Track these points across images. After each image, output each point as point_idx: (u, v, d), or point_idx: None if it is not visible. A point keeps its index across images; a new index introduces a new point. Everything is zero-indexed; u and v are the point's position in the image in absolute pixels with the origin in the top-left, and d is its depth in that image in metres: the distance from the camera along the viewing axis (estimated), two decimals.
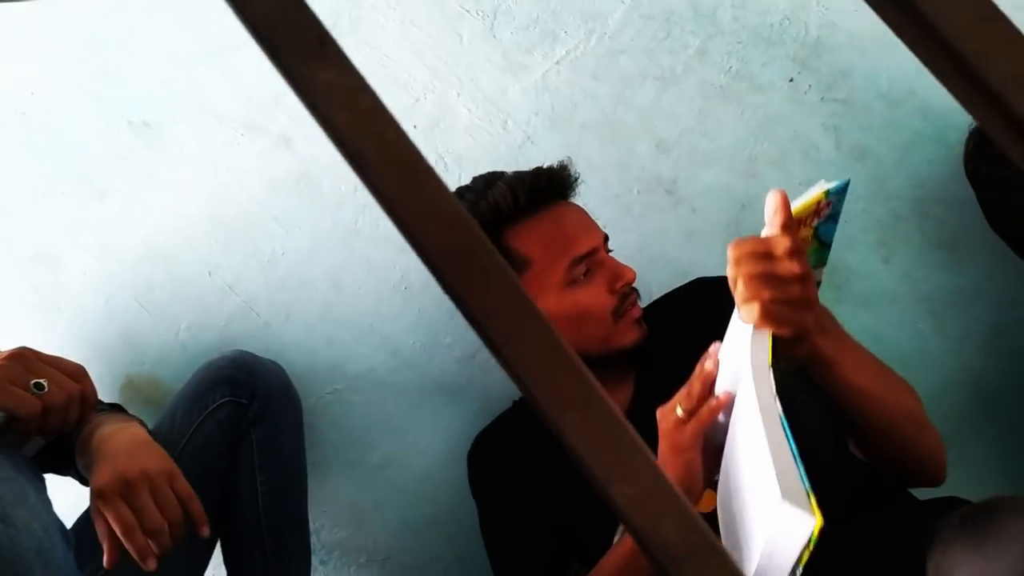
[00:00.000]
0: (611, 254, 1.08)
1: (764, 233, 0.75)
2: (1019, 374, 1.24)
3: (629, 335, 1.04)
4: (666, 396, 0.85)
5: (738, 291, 0.73)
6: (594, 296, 1.03)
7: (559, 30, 1.25)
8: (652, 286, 1.24)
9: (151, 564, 0.81)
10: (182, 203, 1.26)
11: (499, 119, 1.26)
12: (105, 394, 1.15)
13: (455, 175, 1.23)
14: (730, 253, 0.74)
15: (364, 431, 1.29)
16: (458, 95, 1.24)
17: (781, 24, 1.25)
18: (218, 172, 1.26)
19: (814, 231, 0.79)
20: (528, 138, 1.26)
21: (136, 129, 1.25)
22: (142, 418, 1.03)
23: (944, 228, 1.25)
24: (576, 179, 1.10)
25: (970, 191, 1.22)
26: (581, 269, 1.02)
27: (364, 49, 1.23)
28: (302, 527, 1.14)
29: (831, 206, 0.79)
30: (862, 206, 1.25)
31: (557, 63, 1.26)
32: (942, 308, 1.25)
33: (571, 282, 1.02)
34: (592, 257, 1.04)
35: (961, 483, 1.24)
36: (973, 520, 0.72)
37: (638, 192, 1.26)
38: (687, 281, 1.16)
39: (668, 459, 0.81)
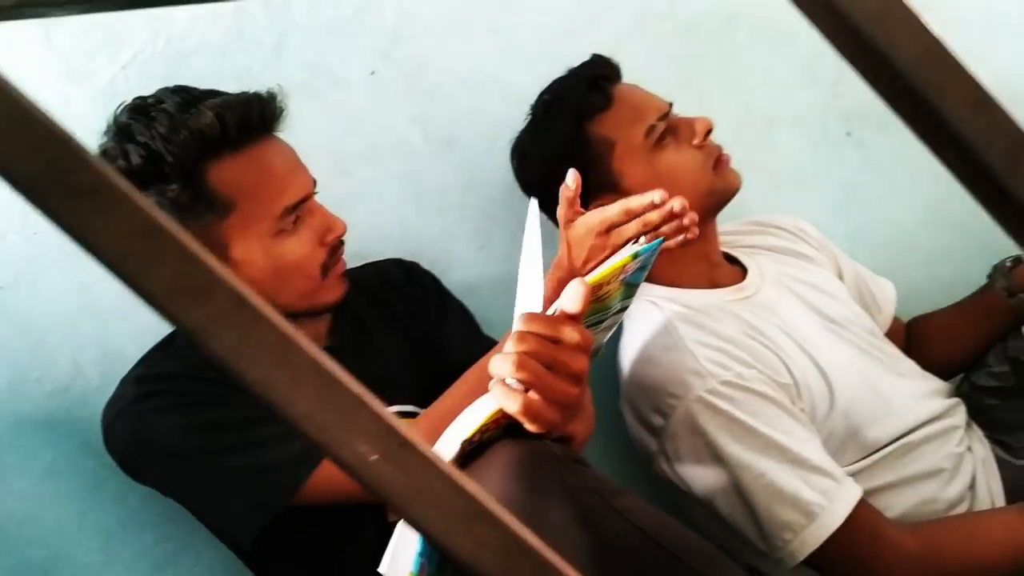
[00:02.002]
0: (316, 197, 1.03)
1: (519, 310, 0.73)
2: (612, 343, 1.33)
3: (334, 292, 1.03)
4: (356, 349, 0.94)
5: (506, 366, 0.66)
6: (303, 248, 0.98)
7: (122, 32, 1.23)
8: None
9: None
10: None
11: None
12: None
13: None
14: (519, 324, 0.69)
15: None
16: None
17: (358, 15, 1.27)
18: None
19: (622, 283, 0.78)
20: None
21: None
22: None
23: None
24: (285, 110, 1.01)
25: None
26: (291, 219, 0.97)
27: None
28: None
29: (640, 262, 0.78)
30: (457, 195, 1.30)
31: (124, 68, 1.23)
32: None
33: (279, 232, 0.96)
34: (303, 205, 0.99)
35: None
36: (477, 462, 0.75)
37: None
38: None
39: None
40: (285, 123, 1.01)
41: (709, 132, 1.10)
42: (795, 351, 1.04)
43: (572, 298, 0.67)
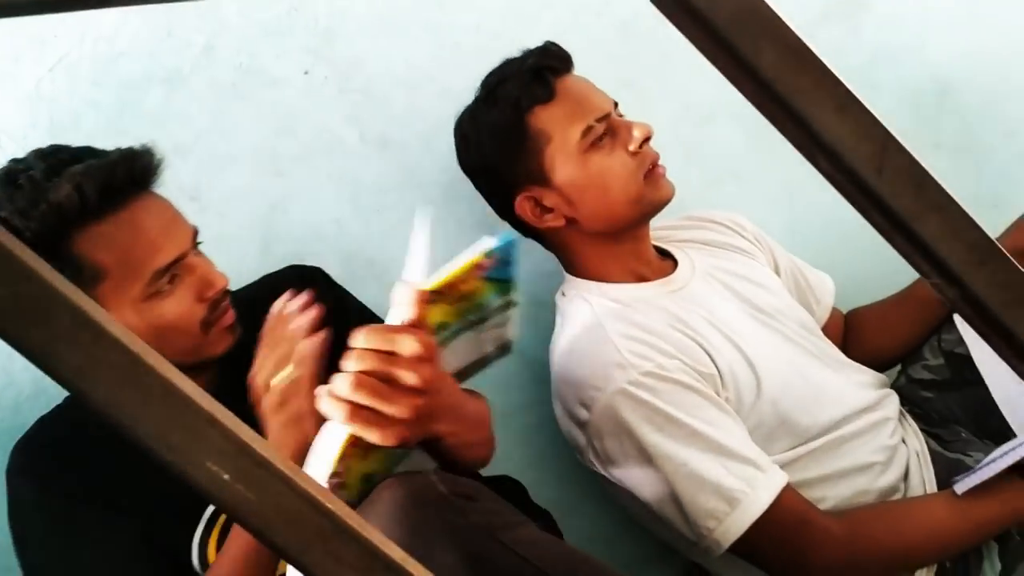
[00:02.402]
0: (200, 247, 1.02)
1: (389, 320, 0.71)
2: None
3: (220, 344, 1.01)
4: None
5: (344, 387, 0.66)
6: (180, 307, 0.96)
7: (48, 34, 1.20)
8: None
9: None
10: None
11: None
12: None
13: None
14: (358, 340, 0.68)
15: None
16: None
17: (289, 15, 1.26)
18: None
19: (485, 280, 0.76)
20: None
21: None
22: None
23: (475, 208, 1.32)
24: (160, 163, 0.99)
25: None
26: (165, 279, 0.95)
27: None
28: None
29: (498, 259, 0.75)
30: (395, 196, 1.30)
31: (51, 70, 1.21)
32: None
33: (153, 294, 0.94)
34: (179, 263, 0.96)
35: (513, 451, 1.33)
36: (363, 503, 0.75)
37: None
38: None
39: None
40: (160, 178, 1.00)
41: (647, 140, 1.09)
42: (721, 342, 1.05)
43: (401, 305, 0.68)
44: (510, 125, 1.08)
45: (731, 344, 1.05)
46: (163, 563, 1.02)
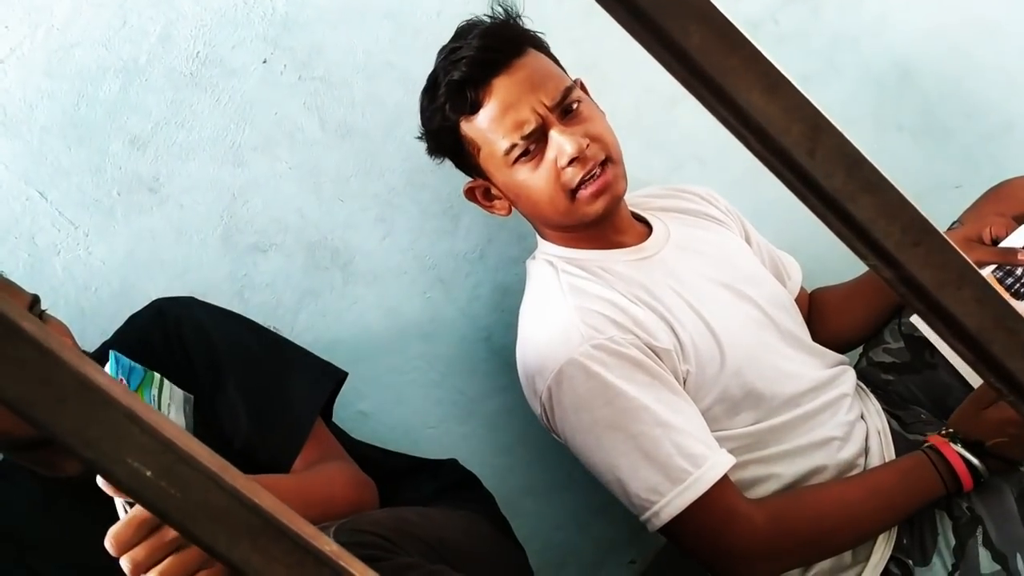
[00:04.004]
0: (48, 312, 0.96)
1: None
2: None
3: None
4: None
5: None
6: None
7: None
8: (150, 291, 1.21)
9: None
10: None
11: None
12: None
13: None
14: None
15: None
16: None
17: (246, 3, 1.24)
18: None
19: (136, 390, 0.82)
20: None
21: None
22: None
23: (439, 196, 1.32)
24: None
25: None
26: None
27: None
28: None
29: (126, 371, 0.80)
30: (357, 184, 1.29)
31: (2, 61, 1.18)
32: (448, 274, 1.32)
33: None
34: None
35: (481, 437, 1.32)
36: None
37: (118, 194, 1.23)
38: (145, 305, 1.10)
39: None
40: None
41: (576, 159, 1.02)
42: (685, 312, 1.05)
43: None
44: (444, 129, 1.10)
45: (695, 315, 1.05)
46: None
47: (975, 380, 1.16)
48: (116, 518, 0.97)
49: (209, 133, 1.24)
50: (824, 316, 1.31)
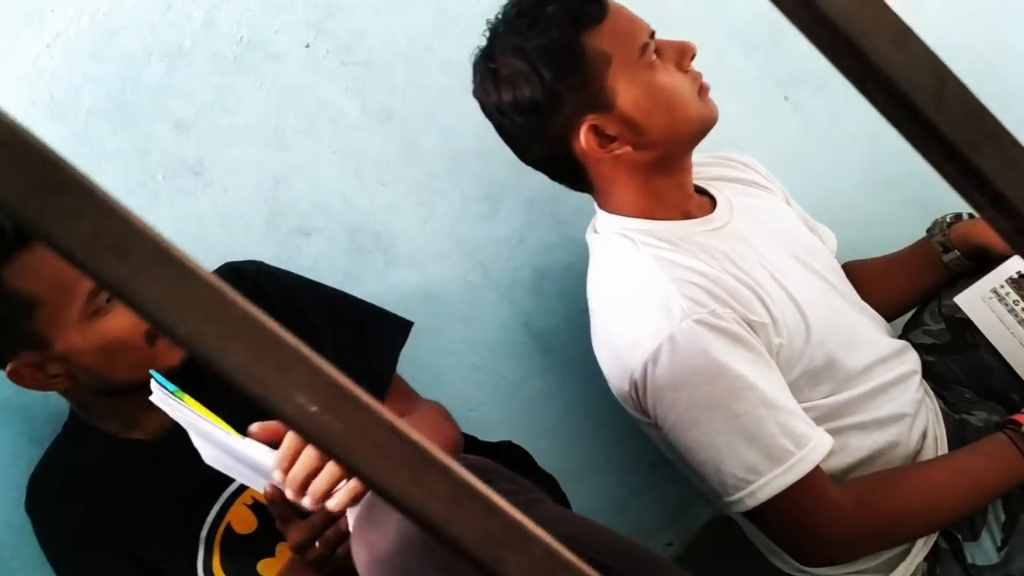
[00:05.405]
0: None
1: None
2: (564, 311, 1.34)
3: (171, 356, 1.00)
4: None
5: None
6: (123, 321, 0.97)
7: (45, 8, 1.18)
8: None
9: None
10: None
11: None
12: None
13: None
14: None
15: None
16: None
17: None
18: None
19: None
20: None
21: None
22: None
23: (480, 181, 1.32)
24: None
25: (500, 142, 1.29)
26: (103, 297, 0.95)
27: None
28: None
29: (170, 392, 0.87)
30: (398, 169, 1.29)
31: (48, 46, 1.19)
32: (488, 259, 1.33)
33: (93, 313, 0.95)
34: None
35: (521, 421, 1.33)
36: (370, 496, 0.76)
37: (163, 177, 1.23)
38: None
39: None
40: None
41: (693, 58, 1.04)
42: (769, 283, 1.02)
43: None
44: (566, 49, 0.99)
45: (778, 285, 1.02)
46: None
47: (1017, 360, 1.17)
48: (183, 482, 1.01)
49: (252, 117, 1.25)
50: (861, 286, 1.26)
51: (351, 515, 0.81)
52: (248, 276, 1.12)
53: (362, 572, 0.71)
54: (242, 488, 1.05)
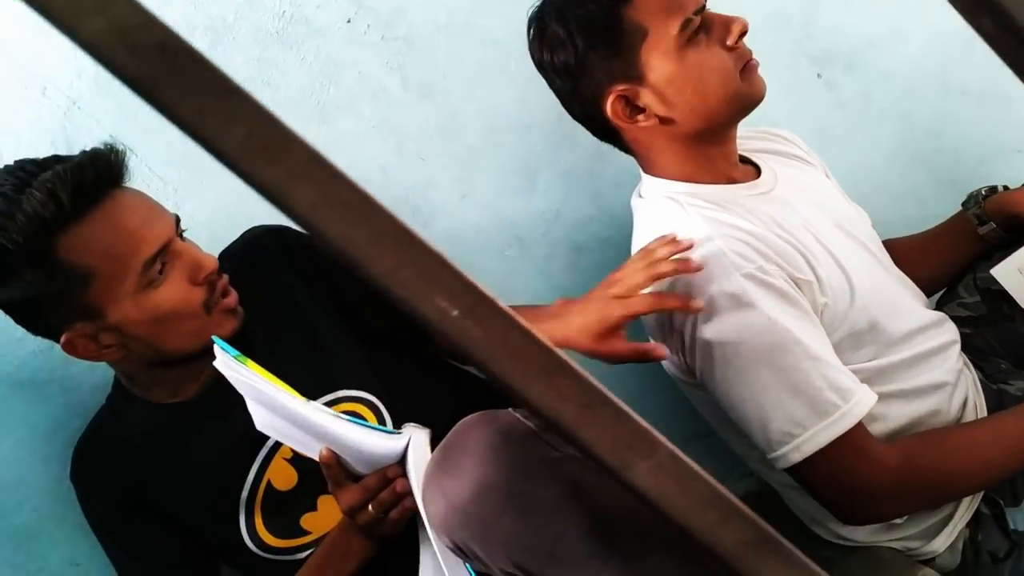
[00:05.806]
0: (185, 233, 1.03)
1: None
2: None
3: (225, 326, 1.02)
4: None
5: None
6: (177, 293, 0.98)
7: None
8: None
9: None
10: None
11: (36, 85, 1.19)
12: None
13: None
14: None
15: None
16: None
17: None
18: None
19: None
20: (74, 103, 1.20)
21: None
22: None
23: (518, 155, 1.33)
24: (125, 159, 0.99)
25: (538, 116, 1.30)
26: (156, 268, 0.96)
27: None
28: None
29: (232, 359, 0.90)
30: (438, 143, 1.30)
31: None
32: (525, 233, 1.34)
33: (147, 285, 0.96)
34: (165, 251, 0.97)
35: None
36: (443, 445, 0.77)
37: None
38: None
39: None
40: (128, 173, 0.99)
41: (743, 34, 1.03)
42: (817, 247, 1.03)
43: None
44: (605, 19, 1.00)
45: (825, 250, 1.04)
46: (213, 556, 1.11)
47: None
48: (222, 440, 1.04)
49: (294, 91, 1.26)
50: (900, 263, 1.28)
51: (414, 471, 0.82)
52: (291, 235, 1.14)
53: (436, 521, 0.72)
54: (278, 443, 1.06)
